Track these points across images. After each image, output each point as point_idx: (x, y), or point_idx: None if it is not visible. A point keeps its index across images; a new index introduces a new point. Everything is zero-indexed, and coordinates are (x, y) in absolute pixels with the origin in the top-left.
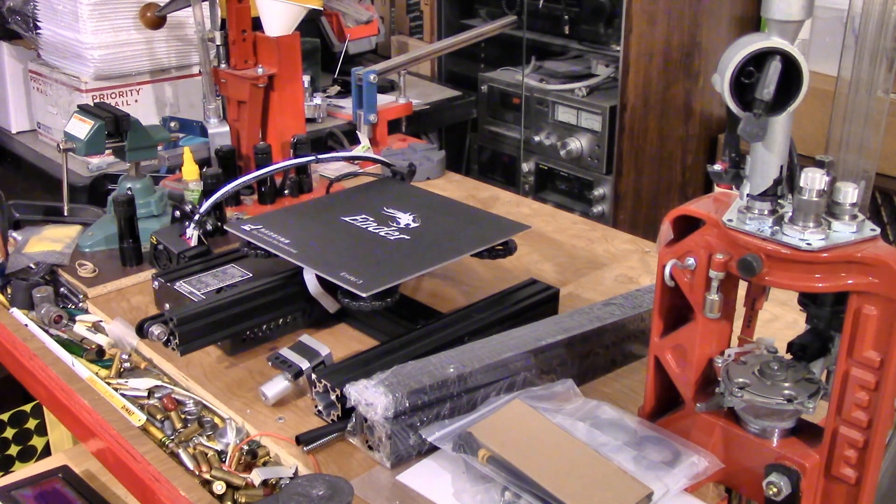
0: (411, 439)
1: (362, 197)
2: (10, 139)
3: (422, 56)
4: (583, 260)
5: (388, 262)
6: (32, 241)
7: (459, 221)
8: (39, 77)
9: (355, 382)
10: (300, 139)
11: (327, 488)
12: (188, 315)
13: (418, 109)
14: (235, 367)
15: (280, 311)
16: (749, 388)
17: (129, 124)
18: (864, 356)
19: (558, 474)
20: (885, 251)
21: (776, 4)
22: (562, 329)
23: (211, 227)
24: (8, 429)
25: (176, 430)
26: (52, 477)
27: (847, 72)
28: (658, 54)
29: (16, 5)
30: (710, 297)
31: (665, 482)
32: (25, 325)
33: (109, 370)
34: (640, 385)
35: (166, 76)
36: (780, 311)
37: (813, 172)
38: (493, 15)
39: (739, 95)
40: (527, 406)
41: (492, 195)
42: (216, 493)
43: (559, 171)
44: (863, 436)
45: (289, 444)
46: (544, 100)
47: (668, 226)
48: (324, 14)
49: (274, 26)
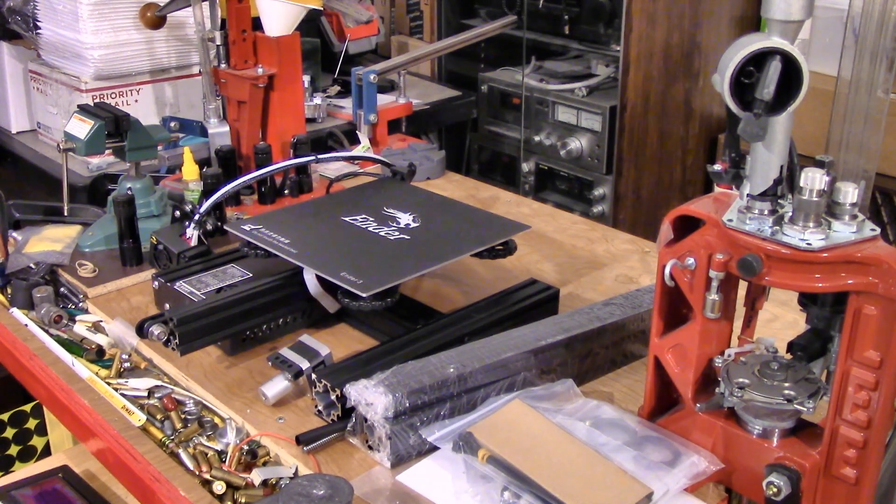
0: (411, 439)
1: (362, 197)
2: (10, 139)
3: (422, 56)
4: (583, 260)
5: (388, 262)
6: (32, 241)
7: (459, 221)
8: (39, 77)
9: (355, 382)
10: (300, 139)
11: (327, 488)
12: (188, 315)
13: (418, 109)
14: (235, 367)
15: (280, 311)
16: (749, 388)
17: (129, 124)
18: (864, 356)
19: (558, 474)
20: (885, 251)
21: (776, 4)
22: (562, 329)
23: (211, 227)
24: (8, 429)
25: (176, 430)
26: (52, 477)
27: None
28: (658, 54)
29: (16, 5)
30: (710, 297)
31: (665, 482)
32: (25, 325)
33: (109, 370)
34: (640, 385)
35: (166, 76)
36: (780, 311)
37: (813, 172)
38: (493, 15)
39: (739, 95)
40: (527, 406)
41: (492, 195)
42: (216, 493)
43: (559, 171)
44: (863, 435)
45: (289, 444)
46: (544, 100)
47: (668, 226)
48: (324, 14)
49: (274, 26)
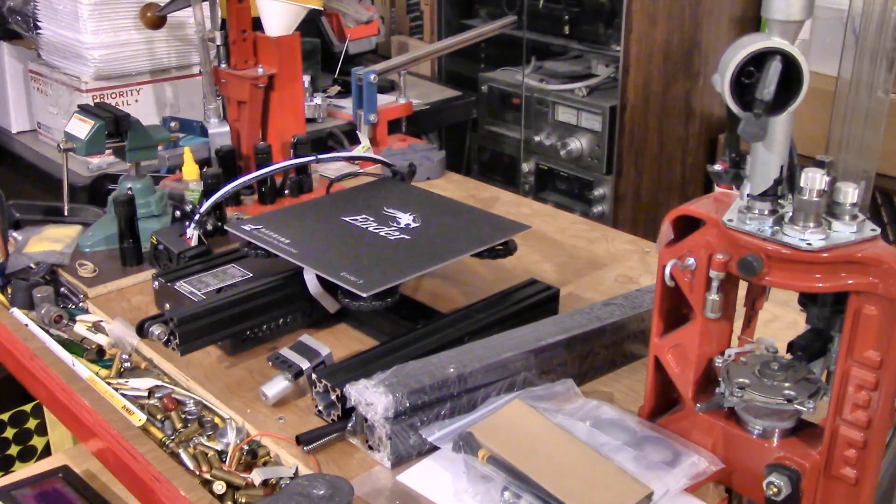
0: (411, 439)
1: (362, 197)
2: (10, 139)
3: (422, 56)
4: (583, 260)
5: (388, 262)
6: (32, 241)
7: (459, 221)
8: (39, 77)
9: (355, 382)
10: (300, 139)
11: (327, 488)
12: (188, 315)
13: (418, 109)
14: (235, 367)
15: (280, 311)
16: (749, 388)
17: (129, 124)
18: (864, 356)
19: (558, 474)
20: (885, 251)
21: (776, 4)
22: (562, 329)
23: (211, 227)
24: (8, 429)
25: (176, 430)
26: (52, 477)
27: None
28: (658, 54)
29: (16, 5)
30: (710, 297)
31: (665, 482)
32: (25, 325)
33: (109, 370)
34: (640, 385)
35: (166, 76)
36: (780, 311)
37: (813, 172)
38: (493, 15)
39: (739, 95)
40: (527, 406)
41: (492, 195)
42: (216, 493)
43: (559, 171)
44: (863, 435)
45: (289, 444)
46: (544, 100)
47: (668, 226)
48: (324, 14)
49: (274, 26)
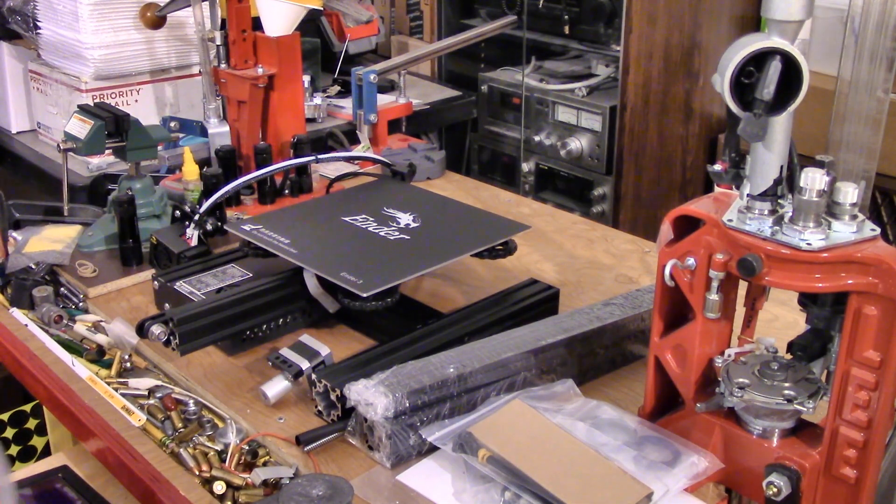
0: (411, 439)
1: (362, 197)
2: (10, 139)
3: (422, 56)
4: (583, 260)
5: (388, 262)
6: (32, 241)
7: (459, 221)
8: (39, 77)
9: (355, 382)
10: (300, 139)
11: (327, 488)
12: (188, 315)
13: (418, 109)
14: (235, 367)
15: (280, 311)
16: (749, 388)
17: (129, 124)
18: (864, 356)
19: (558, 474)
20: (885, 251)
21: (776, 4)
22: (562, 329)
23: (211, 227)
24: (8, 429)
25: (176, 429)
26: (52, 477)
27: (847, 72)
28: (658, 54)
29: (16, 5)
30: (710, 297)
31: (665, 482)
32: (25, 325)
33: (109, 370)
34: (640, 385)
35: (166, 76)
36: (780, 311)
37: (813, 172)
38: (493, 15)
39: (739, 95)
40: (527, 406)
41: (492, 195)
42: (216, 493)
43: (559, 171)
44: (863, 436)
45: (289, 444)
46: (544, 100)
47: (668, 226)
48: (324, 14)
49: (274, 26)
